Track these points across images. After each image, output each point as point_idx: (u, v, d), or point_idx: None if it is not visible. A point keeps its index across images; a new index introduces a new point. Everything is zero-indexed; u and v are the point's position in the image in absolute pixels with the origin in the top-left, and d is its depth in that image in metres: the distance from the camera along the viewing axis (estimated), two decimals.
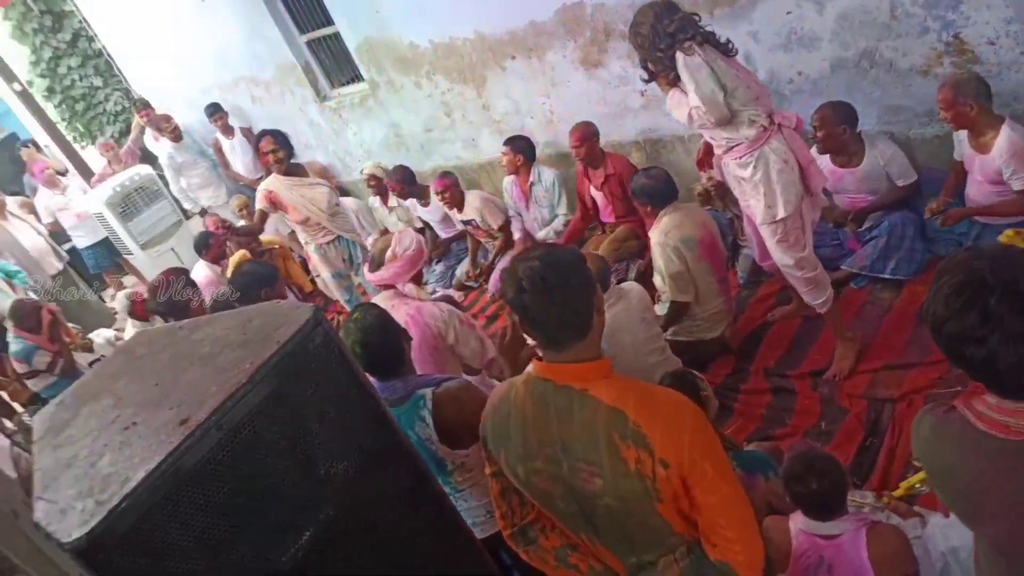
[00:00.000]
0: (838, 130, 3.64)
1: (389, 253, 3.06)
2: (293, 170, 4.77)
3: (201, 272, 5.55)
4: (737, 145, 3.03)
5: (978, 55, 3.51)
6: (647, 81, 3.18)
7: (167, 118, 7.39)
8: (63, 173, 7.76)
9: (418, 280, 3.18)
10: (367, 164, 6.33)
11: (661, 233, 3.56)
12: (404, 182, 5.70)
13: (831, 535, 2.07)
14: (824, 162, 3.73)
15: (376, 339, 2.27)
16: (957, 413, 1.36)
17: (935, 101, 3.36)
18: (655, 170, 3.79)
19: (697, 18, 2.98)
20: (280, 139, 4.69)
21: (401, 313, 2.84)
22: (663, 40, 2.92)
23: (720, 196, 4.01)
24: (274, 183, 4.70)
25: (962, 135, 3.37)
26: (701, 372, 3.63)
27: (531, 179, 5.12)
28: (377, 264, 3.10)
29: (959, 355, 1.29)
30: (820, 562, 2.08)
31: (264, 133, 4.76)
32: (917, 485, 2.46)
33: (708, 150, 3.70)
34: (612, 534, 1.64)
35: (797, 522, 2.14)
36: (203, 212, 7.69)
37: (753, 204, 3.14)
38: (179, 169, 7.52)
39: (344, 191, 6.88)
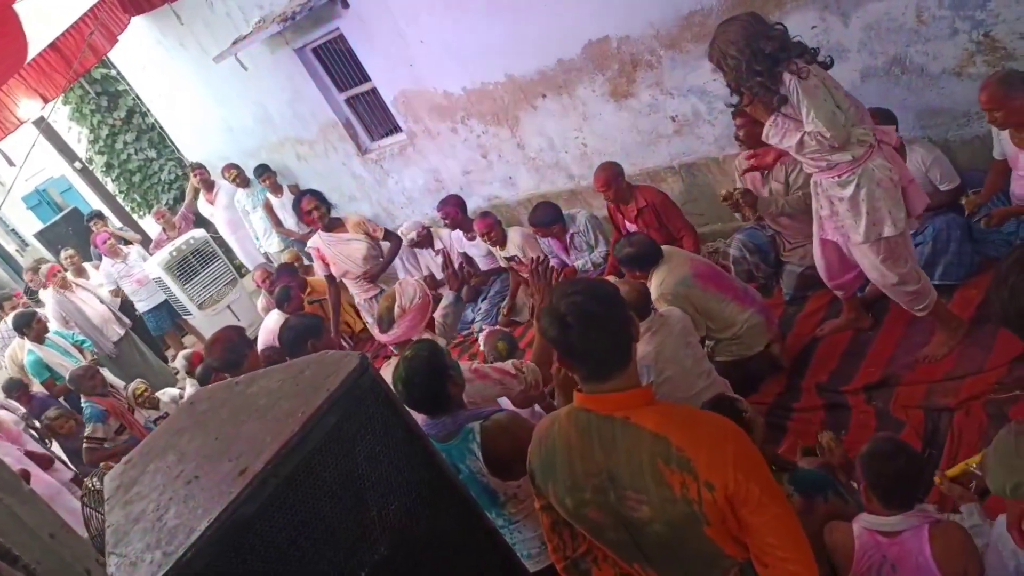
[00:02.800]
0: None
1: (397, 309, 2.89)
2: (333, 225, 4.97)
3: (273, 320, 5.69)
4: (838, 164, 2.89)
5: (1011, 51, 3.46)
6: (735, 106, 2.95)
7: (229, 168, 7.72)
8: (131, 243, 8.15)
9: (432, 328, 3.00)
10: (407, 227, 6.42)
11: (656, 288, 3.54)
12: (460, 208, 5.74)
13: (894, 532, 2.04)
14: None
15: (419, 379, 2.30)
16: None
17: (971, 102, 3.31)
18: (636, 236, 3.84)
19: (782, 27, 2.75)
20: (319, 197, 4.98)
21: None
22: (761, 62, 2.67)
23: (749, 204, 3.97)
24: (317, 240, 4.95)
25: (1004, 134, 3.30)
26: (752, 392, 3.63)
27: (569, 231, 5.20)
28: (388, 324, 2.92)
29: None
30: (883, 561, 2.05)
31: (303, 193, 5.03)
32: (973, 467, 2.37)
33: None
34: (663, 561, 1.64)
35: (860, 521, 2.12)
36: (265, 255, 8.01)
37: (850, 224, 3.00)
38: (245, 214, 7.85)
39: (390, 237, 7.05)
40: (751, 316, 3.65)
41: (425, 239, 6.24)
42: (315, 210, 4.87)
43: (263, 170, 7.52)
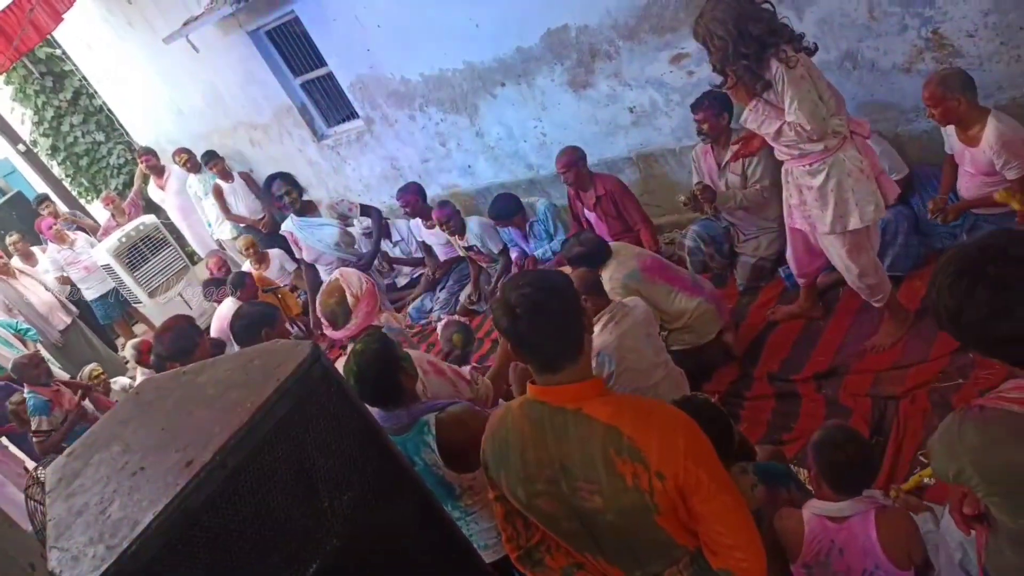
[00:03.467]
0: None
1: (351, 299, 2.82)
2: (306, 209, 4.90)
3: (227, 307, 5.56)
4: (810, 152, 2.88)
5: (958, 49, 3.55)
6: (720, 87, 2.91)
7: (180, 152, 7.52)
8: (82, 228, 7.92)
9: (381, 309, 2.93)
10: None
11: (606, 284, 3.54)
12: (421, 196, 5.66)
13: (842, 517, 2.09)
14: None
15: (371, 372, 2.27)
16: (994, 410, 1.33)
17: (919, 97, 3.37)
18: (585, 235, 3.87)
19: (770, 7, 2.68)
20: (290, 180, 4.90)
21: None
22: (749, 45, 2.61)
23: (708, 199, 4.03)
24: (290, 225, 4.86)
25: (950, 129, 3.38)
26: (706, 380, 3.68)
27: (529, 220, 5.19)
28: (344, 317, 2.83)
29: (990, 339, 1.27)
30: (832, 546, 2.10)
31: (274, 177, 4.93)
32: (926, 479, 2.46)
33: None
34: (616, 550, 1.65)
35: (810, 508, 2.17)
36: (218, 243, 7.83)
37: (816, 214, 3.00)
38: (197, 199, 7.65)
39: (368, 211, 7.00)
40: (700, 304, 3.69)
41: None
42: (287, 195, 4.79)
43: (210, 156, 7.32)
